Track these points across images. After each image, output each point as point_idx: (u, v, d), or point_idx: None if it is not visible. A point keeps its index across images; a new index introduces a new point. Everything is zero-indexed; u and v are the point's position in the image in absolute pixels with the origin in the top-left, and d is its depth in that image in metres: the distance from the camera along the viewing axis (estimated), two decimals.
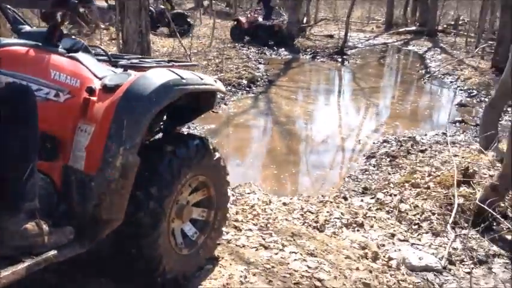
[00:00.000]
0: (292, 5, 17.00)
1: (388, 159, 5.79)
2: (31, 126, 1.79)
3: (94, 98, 2.01)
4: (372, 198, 4.63)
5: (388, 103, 10.04)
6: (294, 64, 13.68)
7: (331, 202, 4.42)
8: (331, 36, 18.08)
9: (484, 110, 6.07)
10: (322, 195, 4.66)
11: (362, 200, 4.58)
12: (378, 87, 11.52)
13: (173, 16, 14.62)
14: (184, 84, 2.15)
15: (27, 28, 2.22)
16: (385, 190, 4.78)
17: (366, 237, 3.76)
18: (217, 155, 2.49)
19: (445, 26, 21.51)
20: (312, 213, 4.06)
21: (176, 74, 2.15)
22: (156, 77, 2.08)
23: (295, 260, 2.79)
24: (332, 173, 5.81)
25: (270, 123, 7.96)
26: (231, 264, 2.57)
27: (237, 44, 14.85)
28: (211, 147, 2.45)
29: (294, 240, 3.11)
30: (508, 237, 4.04)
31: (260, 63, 12.89)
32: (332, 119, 8.55)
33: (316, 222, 3.87)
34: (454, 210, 4.16)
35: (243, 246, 2.84)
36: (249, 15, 16.01)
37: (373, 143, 6.72)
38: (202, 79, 2.32)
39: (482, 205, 4.05)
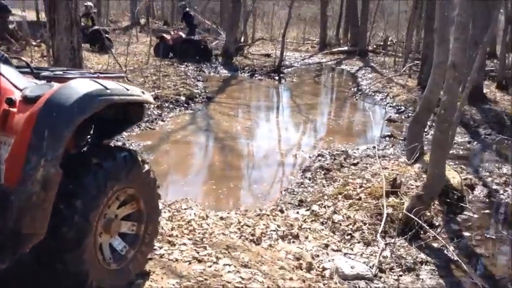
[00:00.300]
0: (229, 25, 17.22)
1: (323, 172, 5.96)
2: None
3: (14, 110, 1.94)
4: (307, 210, 4.74)
5: (323, 119, 10.35)
6: (232, 81, 13.81)
7: (268, 215, 4.48)
8: (268, 55, 18.44)
9: (409, 124, 6.41)
10: (260, 209, 4.72)
11: (298, 212, 4.67)
12: (313, 104, 11.86)
13: (92, 33, 14.64)
14: (109, 94, 2.10)
15: None
16: (319, 202, 4.91)
17: (301, 248, 3.84)
18: (146, 167, 2.44)
19: (374, 46, 22.57)
20: (249, 226, 4.10)
21: (100, 84, 2.10)
22: (79, 87, 2.03)
23: (228, 272, 2.80)
24: (270, 187, 5.88)
25: (209, 140, 7.97)
26: (162, 279, 2.54)
27: (175, 62, 14.80)
28: (140, 160, 2.40)
29: (229, 252, 3.12)
30: (434, 244, 4.27)
31: (198, 80, 12.89)
32: (270, 134, 8.70)
33: (253, 235, 3.90)
34: (384, 220, 4.34)
35: (176, 260, 2.81)
36: (172, 33, 16.35)
37: (309, 157, 6.89)
38: (128, 90, 2.27)
39: (409, 214, 4.28)
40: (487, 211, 5.33)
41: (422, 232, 4.36)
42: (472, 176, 6.15)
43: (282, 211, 4.70)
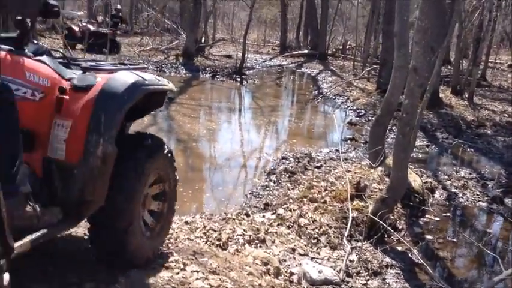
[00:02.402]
0: (190, 25, 17.04)
1: (287, 175, 5.94)
2: (14, 121, 1.95)
3: (66, 97, 2.24)
4: (273, 213, 4.68)
5: (285, 121, 10.38)
6: (194, 82, 13.66)
7: (234, 219, 4.39)
8: (229, 57, 18.39)
9: (371, 127, 6.49)
10: (225, 213, 4.63)
11: (264, 216, 4.60)
12: (275, 106, 11.89)
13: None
14: (147, 84, 2.43)
15: None
16: (285, 205, 4.87)
17: (268, 253, 3.77)
18: (170, 153, 2.78)
19: (334, 50, 22.97)
20: (215, 231, 4.00)
21: (139, 75, 2.43)
22: (124, 78, 2.36)
23: (197, 279, 2.71)
24: (234, 190, 5.80)
25: (171, 141, 7.79)
26: None
27: (133, 62, 14.49)
28: (165, 145, 2.75)
29: (196, 258, 3.02)
30: (399, 248, 4.31)
31: None
32: (233, 137, 8.63)
33: (219, 240, 3.81)
34: (349, 224, 4.35)
35: (142, 268, 2.69)
36: (80, 25, 16.43)
37: (273, 159, 6.87)
38: (159, 80, 2.60)
39: (374, 218, 4.30)
40: (448, 214, 5.46)
41: (387, 235, 4.40)
42: (432, 180, 6.29)
43: (247, 215, 4.62)
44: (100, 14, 24.16)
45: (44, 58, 2.30)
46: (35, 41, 2.44)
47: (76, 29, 15.96)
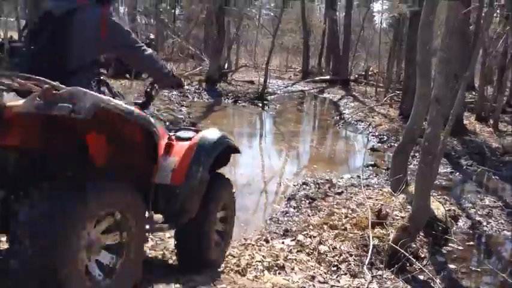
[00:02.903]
0: (213, 51, 17.35)
1: (308, 201, 5.92)
2: None
3: (174, 143, 3.13)
4: (293, 240, 4.67)
5: (306, 147, 10.39)
6: (216, 108, 13.82)
7: (253, 245, 4.40)
8: (251, 82, 18.58)
9: (393, 155, 6.45)
10: (245, 238, 4.64)
11: (283, 242, 4.59)
12: (297, 131, 11.92)
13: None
14: (226, 140, 3.38)
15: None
16: (305, 232, 4.85)
17: (288, 279, 3.75)
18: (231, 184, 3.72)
19: (356, 75, 22.97)
20: (234, 257, 4.00)
21: (221, 133, 3.38)
22: (212, 134, 3.30)
23: None
24: (254, 215, 5.80)
25: None
26: None
27: (157, 87, 14.78)
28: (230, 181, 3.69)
29: (215, 285, 3.03)
30: (421, 277, 4.23)
31: (182, 105, 12.87)
32: (254, 161, 8.66)
33: (238, 266, 3.81)
34: (370, 252, 4.30)
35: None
36: None
37: (293, 185, 6.86)
38: (230, 138, 3.51)
39: (395, 246, 4.24)
40: (471, 243, 5.35)
41: (408, 264, 4.33)
42: (456, 207, 6.19)
43: (267, 241, 4.62)
44: None
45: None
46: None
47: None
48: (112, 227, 2.33)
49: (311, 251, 4.40)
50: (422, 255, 4.65)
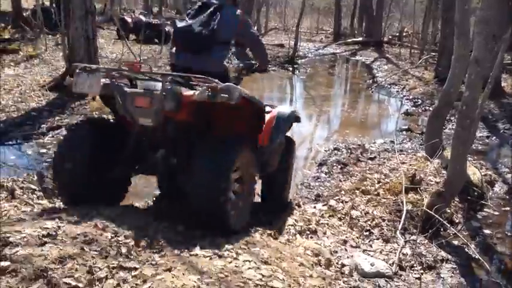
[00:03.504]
0: None
1: (339, 167, 5.90)
2: None
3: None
4: (324, 205, 4.68)
5: (338, 111, 10.27)
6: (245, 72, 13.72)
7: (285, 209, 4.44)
8: (281, 46, 18.32)
9: (428, 119, 6.29)
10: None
11: (315, 207, 4.61)
12: (328, 95, 11.77)
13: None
14: (295, 112, 4.34)
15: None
16: (336, 197, 4.85)
17: (319, 244, 3.79)
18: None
19: (390, 37, 22.33)
20: (267, 220, 4.06)
21: (292, 108, 4.51)
22: (286, 109, 4.32)
23: (249, 268, 2.76)
24: None
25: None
26: (183, 274, 2.50)
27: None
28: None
29: (248, 248, 3.08)
30: (455, 242, 4.19)
31: None
32: None
33: (271, 229, 3.86)
34: (403, 217, 4.27)
35: (197, 255, 2.77)
36: (133, 16, 16.83)
37: (325, 150, 6.82)
38: (297, 111, 4.50)
39: (430, 211, 4.19)
40: (507, 208, 5.24)
41: (442, 229, 4.29)
42: (492, 172, 6.05)
43: (299, 205, 4.65)
44: (156, 5, 24.77)
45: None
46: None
47: (129, 20, 16.60)
48: (239, 176, 3.38)
49: (343, 215, 4.41)
50: (457, 221, 4.59)
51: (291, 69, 14.67)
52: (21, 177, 4.72)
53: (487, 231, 4.60)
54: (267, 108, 4.01)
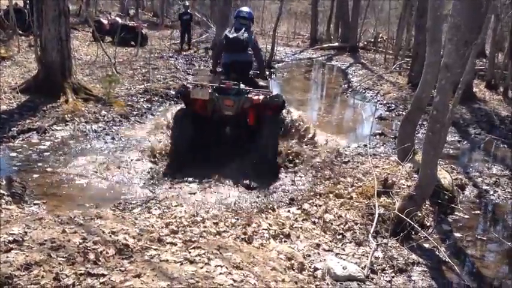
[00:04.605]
0: (220, 18, 17.07)
1: (314, 170, 5.92)
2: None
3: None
4: (299, 208, 4.70)
5: (313, 115, 10.32)
6: None
7: (260, 213, 4.43)
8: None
9: (400, 123, 6.39)
10: (251, 207, 4.66)
11: (289, 211, 4.63)
12: (304, 100, 11.82)
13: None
14: (282, 97, 6.07)
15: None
16: (311, 201, 4.87)
17: (293, 248, 3.80)
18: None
19: (365, 42, 22.62)
20: (241, 225, 4.05)
21: (280, 94, 6.15)
22: (279, 95, 6.02)
23: (220, 273, 2.75)
24: (260, 184, 5.79)
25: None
26: (153, 280, 2.47)
27: (164, 55, 14.68)
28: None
29: (221, 253, 3.06)
30: (426, 245, 4.25)
31: (188, 73, 12.77)
32: None
33: (245, 233, 3.85)
34: (375, 220, 4.32)
35: (167, 261, 2.74)
36: (109, 18, 16.71)
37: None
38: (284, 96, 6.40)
39: (401, 215, 4.25)
40: (478, 212, 5.35)
41: (413, 233, 4.35)
42: (463, 176, 6.17)
43: (273, 209, 4.66)
44: (132, 8, 24.52)
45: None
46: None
47: (105, 22, 16.39)
48: None
49: (316, 219, 4.44)
50: (428, 224, 4.66)
51: (267, 73, 14.68)
52: None
53: (457, 235, 4.69)
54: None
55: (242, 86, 5.91)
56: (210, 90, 5.67)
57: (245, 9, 6.61)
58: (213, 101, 5.77)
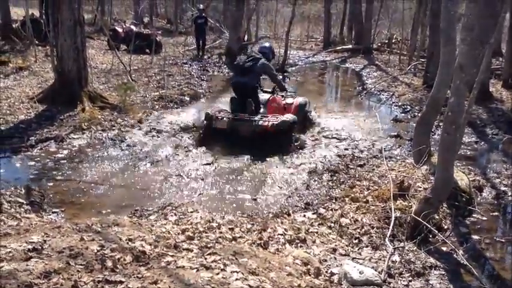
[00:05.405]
0: (233, 23, 17.17)
1: (329, 174, 5.91)
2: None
3: (286, 105, 7.91)
4: (314, 213, 4.69)
5: (328, 118, 10.25)
6: None
7: (275, 218, 4.44)
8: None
9: (416, 125, 6.33)
10: (266, 212, 4.67)
11: (304, 215, 4.63)
12: (318, 102, 11.78)
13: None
14: (309, 101, 8.52)
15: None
16: (326, 205, 4.87)
17: (309, 252, 3.80)
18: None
19: (379, 44, 22.44)
20: (256, 230, 4.06)
21: (307, 99, 8.53)
22: (304, 99, 8.24)
23: (236, 279, 2.76)
24: (276, 189, 5.81)
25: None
26: (170, 287, 2.50)
27: (178, 61, 14.79)
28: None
29: (236, 259, 3.08)
30: (444, 248, 4.21)
31: (203, 80, 12.87)
32: None
33: (260, 239, 3.86)
34: (392, 224, 4.29)
35: (183, 267, 2.77)
36: (124, 26, 16.82)
37: (315, 157, 6.82)
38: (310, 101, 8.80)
39: (418, 218, 4.22)
40: (496, 213, 5.27)
41: (431, 236, 4.31)
42: (480, 178, 6.09)
43: (288, 214, 4.66)
44: (146, 15, 24.77)
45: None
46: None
47: (120, 30, 16.52)
48: None
49: (332, 223, 4.43)
50: (445, 227, 4.62)
51: (281, 77, 14.69)
52: (9, 190, 4.69)
53: (475, 237, 4.63)
54: (289, 100, 7.99)
55: (256, 118, 7.16)
56: (227, 121, 7.08)
57: (265, 44, 8.70)
58: (230, 128, 7.09)
